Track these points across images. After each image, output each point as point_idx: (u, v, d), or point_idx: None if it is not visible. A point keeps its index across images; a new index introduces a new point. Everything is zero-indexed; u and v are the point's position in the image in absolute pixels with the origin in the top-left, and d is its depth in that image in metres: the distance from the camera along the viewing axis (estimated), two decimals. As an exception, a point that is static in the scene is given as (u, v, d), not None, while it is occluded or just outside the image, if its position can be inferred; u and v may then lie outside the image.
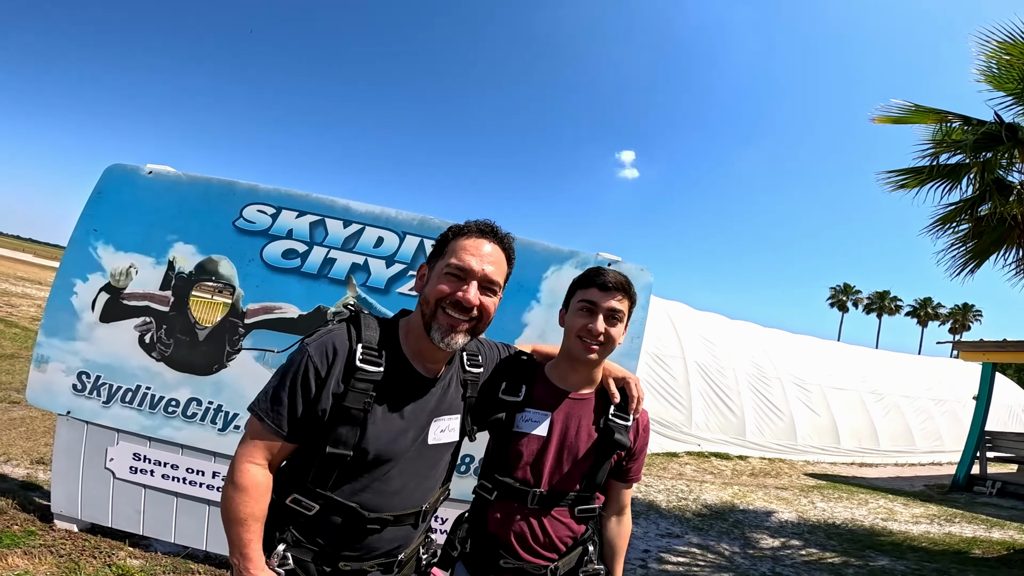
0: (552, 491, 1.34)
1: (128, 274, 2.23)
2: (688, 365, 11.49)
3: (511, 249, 1.26)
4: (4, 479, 3.44)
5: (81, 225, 2.17)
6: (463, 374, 1.31)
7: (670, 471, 8.78)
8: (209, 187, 2.19)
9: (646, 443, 1.47)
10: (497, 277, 1.19)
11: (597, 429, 1.37)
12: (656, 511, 5.98)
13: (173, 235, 2.19)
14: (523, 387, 1.39)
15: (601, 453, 1.36)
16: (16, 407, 5.27)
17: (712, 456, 10.48)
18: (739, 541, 5.14)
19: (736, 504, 6.78)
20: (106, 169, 2.17)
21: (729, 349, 12.57)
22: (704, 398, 11.37)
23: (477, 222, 1.23)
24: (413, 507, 1.19)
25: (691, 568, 4.29)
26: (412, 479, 1.19)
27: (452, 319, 1.14)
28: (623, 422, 1.38)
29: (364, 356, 1.12)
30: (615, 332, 1.36)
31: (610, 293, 1.35)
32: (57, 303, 2.26)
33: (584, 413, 1.39)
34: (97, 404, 2.54)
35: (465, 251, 1.17)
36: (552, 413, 1.38)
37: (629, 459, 1.44)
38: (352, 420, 1.09)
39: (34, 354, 2.44)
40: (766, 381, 12.37)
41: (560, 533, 1.35)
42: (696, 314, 13.87)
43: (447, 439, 1.25)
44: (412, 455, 1.18)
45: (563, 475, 1.35)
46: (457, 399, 1.29)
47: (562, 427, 1.37)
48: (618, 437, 1.35)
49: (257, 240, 2.18)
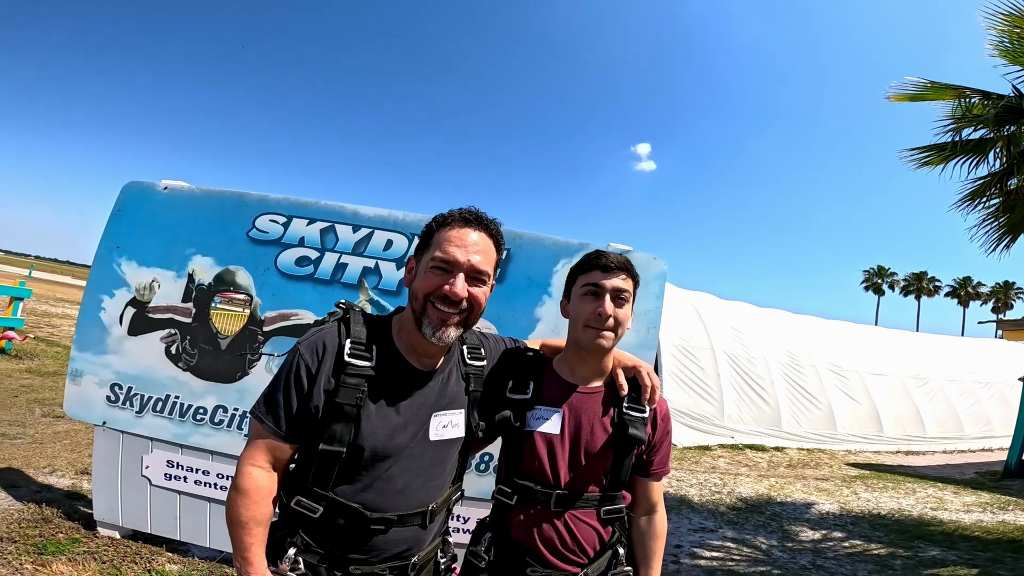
0: (573, 491, 1.27)
1: (151, 288, 2.32)
2: (717, 356, 11.22)
3: (499, 235, 1.22)
4: (50, 489, 3.63)
5: (104, 243, 2.26)
6: (464, 367, 1.27)
7: (703, 465, 8.59)
8: (222, 200, 2.25)
9: (667, 433, 1.39)
10: (485, 266, 1.15)
11: (612, 423, 1.30)
12: (688, 506, 5.85)
13: (191, 248, 2.26)
14: (531, 384, 1.33)
15: (619, 448, 1.29)
16: (60, 421, 5.55)
17: (746, 448, 10.21)
18: (777, 534, 4.98)
19: (773, 496, 6.57)
20: (124, 187, 2.25)
21: (759, 338, 12.21)
22: (735, 389, 11.07)
23: (461, 210, 1.19)
24: (418, 506, 1.16)
25: (725, 563, 4.17)
26: (416, 477, 1.16)
27: (442, 313, 1.12)
28: (638, 414, 1.31)
29: (352, 351, 1.11)
30: (623, 314, 1.29)
31: (613, 273, 1.29)
32: (87, 319, 2.36)
33: (597, 407, 1.33)
34: (130, 414, 2.64)
35: (450, 242, 1.13)
36: (563, 409, 1.32)
37: (650, 452, 1.36)
38: (345, 416, 1.08)
39: (69, 368, 2.56)
40: (800, 369, 11.95)
41: (587, 536, 1.28)
42: (723, 304, 13.53)
43: (451, 435, 1.21)
44: (413, 452, 1.15)
45: (581, 473, 1.29)
46: (460, 393, 1.25)
47: (575, 423, 1.31)
48: (632, 431, 1.28)
49: (271, 249, 2.22)
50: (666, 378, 10.56)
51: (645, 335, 2.15)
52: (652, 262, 2.09)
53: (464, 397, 1.26)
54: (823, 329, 14.21)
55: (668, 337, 10.98)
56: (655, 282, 2.09)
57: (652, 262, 2.09)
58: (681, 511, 5.58)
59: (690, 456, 9.23)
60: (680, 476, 7.34)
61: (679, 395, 10.54)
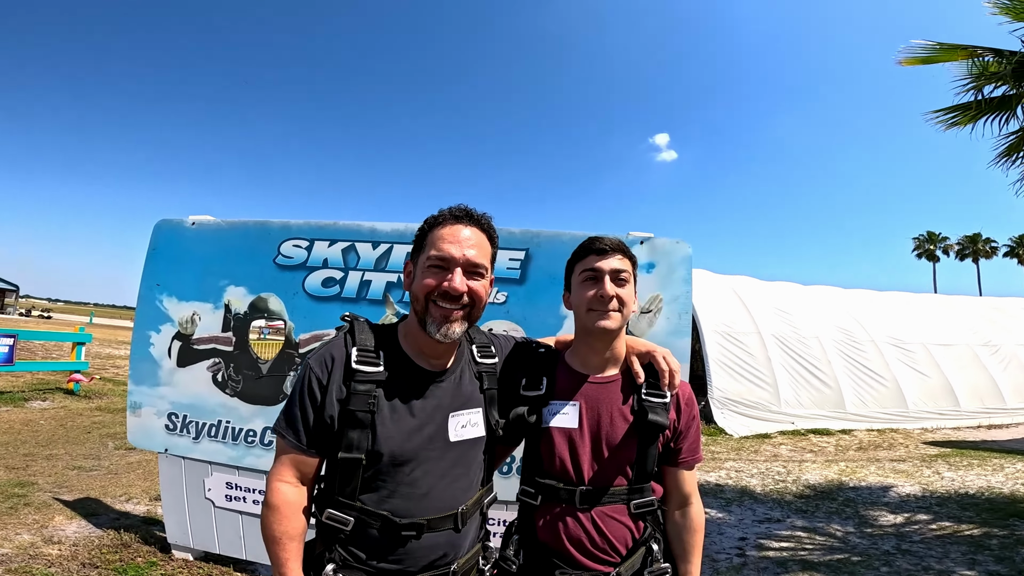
0: (597, 487, 1.22)
1: (193, 321, 2.45)
2: (765, 339, 10.72)
3: (491, 229, 1.22)
4: (127, 516, 3.90)
5: (145, 281, 2.41)
6: (476, 366, 1.27)
7: (763, 454, 8.20)
8: (246, 230, 2.34)
9: (693, 418, 1.31)
10: (481, 260, 1.16)
11: (632, 411, 1.25)
12: (751, 496, 5.59)
13: (224, 280, 2.37)
14: (544, 379, 1.30)
15: (642, 437, 1.23)
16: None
17: (809, 433, 9.67)
18: (853, 520, 4.67)
19: (845, 481, 6.19)
20: (155, 226, 2.39)
21: (809, 317, 11.59)
22: (789, 372, 10.53)
23: (451, 209, 1.20)
24: (447, 510, 1.15)
25: (797, 552, 3.94)
26: (441, 480, 1.15)
27: (444, 310, 1.13)
28: (658, 399, 1.25)
29: (359, 357, 1.13)
30: (626, 294, 1.25)
31: (608, 254, 1.26)
32: (139, 354, 2.53)
33: (614, 396, 1.27)
34: (188, 440, 2.80)
35: (443, 240, 1.15)
36: (579, 401, 1.27)
37: (677, 439, 1.29)
38: (359, 423, 1.10)
39: (128, 401, 2.74)
40: (858, 346, 11.24)
41: (618, 534, 1.22)
42: (765, 285, 12.95)
43: (471, 435, 1.21)
44: (435, 454, 1.15)
45: (605, 467, 1.24)
46: (475, 392, 1.24)
47: (593, 414, 1.26)
48: (652, 417, 1.22)
49: (297, 274, 2.30)
50: (713, 367, 10.17)
51: (677, 322, 2.06)
52: (675, 246, 2.01)
53: (480, 396, 1.25)
54: (878, 302, 13.34)
55: (710, 325, 10.60)
56: (681, 266, 2.00)
57: (675, 246, 2.01)
58: (743, 502, 5.34)
59: (748, 446, 8.83)
60: (739, 466, 7.04)
61: (729, 383, 10.13)
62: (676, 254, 1.99)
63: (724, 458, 7.91)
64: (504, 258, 2.22)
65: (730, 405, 10.20)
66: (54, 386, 10.02)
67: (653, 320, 2.12)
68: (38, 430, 7.14)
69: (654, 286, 2.10)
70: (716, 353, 10.36)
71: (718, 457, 7.95)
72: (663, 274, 2.05)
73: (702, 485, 6.11)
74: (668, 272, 2.05)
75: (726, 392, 10.19)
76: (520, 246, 2.21)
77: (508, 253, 2.22)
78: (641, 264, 2.11)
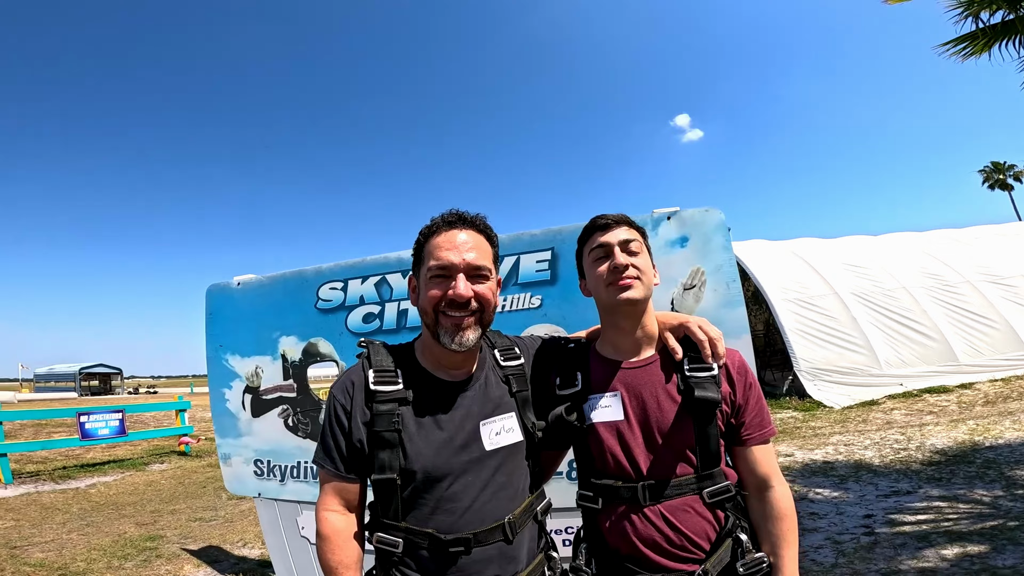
0: (660, 479, 1.13)
1: (257, 374, 2.62)
2: (844, 299, 9.78)
3: (487, 229, 1.20)
4: (245, 560, 4.22)
5: (209, 344, 2.63)
6: (501, 369, 1.24)
7: (873, 423, 7.42)
8: (286, 282, 2.49)
9: (750, 387, 1.19)
10: (482, 261, 1.15)
11: (678, 390, 1.15)
12: (868, 470, 5.07)
13: (276, 332, 2.52)
14: (578, 374, 1.23)
15: (696, 417, 1.13)
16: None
17: (923, 393, 8.65)
18: (999, 483, 4.09)
19: (978, 441, 5.46)
20: (207, 291, 2.61)
21: (887, 268, 10.51)
22: (881, 330, 9.51)
23: (443, 215, 1.19)
24: (493, 521, 1.12)
25: (939, 524, 3.50)
26: (482, 491, 1.13)
27: (453, 318, 1.12)
28: (705, 373, 1.15)
29: (376, 378, 1.14)
30: (641, 262, 1.19)
31: (612, 227, 1.21)
32: (218, 410, 2.74)
33: (655, 378, 1.18)
34: (276, 483, 2.97)
35: (440, 248, 1.14)
36: (619, 390, 1.19)
37: (736, 414, 1.17)
38: (387, 443, 1.10)
39: (219, 454, 2.97)
40: (952, 290, 9.99)
41: (695, 527, 1.12)
42: (830, 243, 11.93)
43: (507, 441, 1.17)
44: (471, 466, 1.13)
45: (662, 457, 1.14)
46: (504, 396, 1.21)
47: (637, 402, 1.17)
48: (701, 394, 1.12)
49: (339, 315, 2.40)
50: (792, 337, 9.39)
51: (726, 292, 1.92)
52: (705, 215, 1.88)
53: (510, 400, 1.22)
54: (962, 240, 11.88)
55: (778, 293, 9.85)
56: (717, 234, 1.87)
57: (705, 215, 1.88)
58: (860, 477, 4.85)
59: (853, 416, 8.04)
60: (848, 440, 6.42)
61: (814, 351, 9.31)
62: (708, 223, 1.86)
63: (828, 433, 7.23)
64: (531, 261, 2.18)
65: (822, 375, 9.36)
66: (168, 450, 11.24)
67: (699, 295, 1.99)
68: (160, 489, 8.02)
69: (693, 259, 1.97)
70: (792, 322, 9.58)
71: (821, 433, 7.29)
72: (699, 245, 1.92)
73: (807, 465, 5.61)
74: (704, 242, 1.92)
75: (813, 362, 9.37)
76: (544, 246, 2.16)
77: (534, 256, 2.18)
78: (673, 240, 1.99)
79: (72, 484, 8.33)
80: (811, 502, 4.35)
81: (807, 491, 4.64)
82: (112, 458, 10.19)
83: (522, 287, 2.18)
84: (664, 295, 2.03)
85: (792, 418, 8.43)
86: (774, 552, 1.14)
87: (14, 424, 11.96)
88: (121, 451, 10.77)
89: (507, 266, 2.18)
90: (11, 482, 8.15)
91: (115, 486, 8.23)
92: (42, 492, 7.78)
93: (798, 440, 6.85)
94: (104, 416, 9.71)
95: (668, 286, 2.01)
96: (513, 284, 2.20)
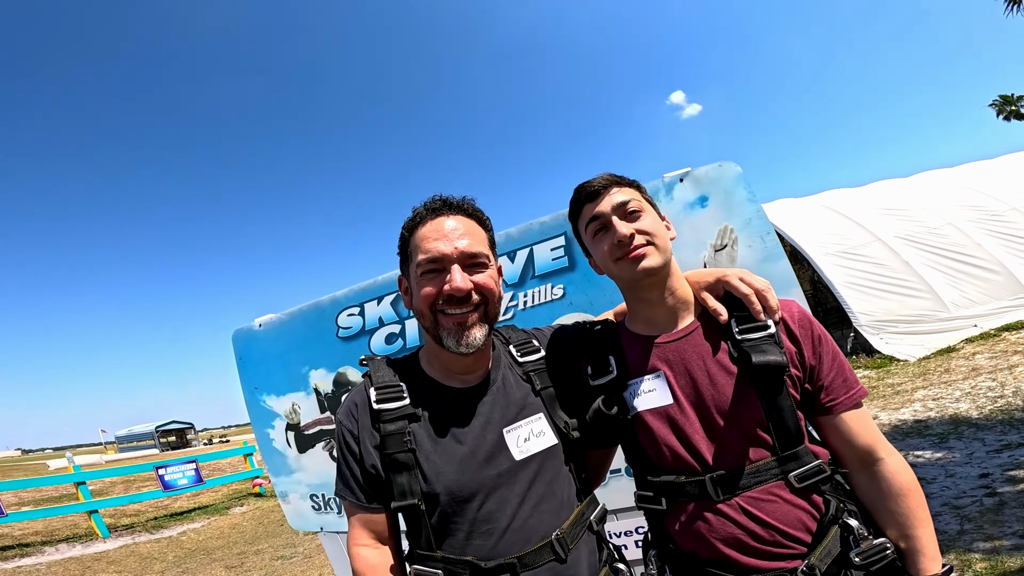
0: (732, 468, 0.96)
1: (295, 411, 2.63)
2: (889, 244, 9.15)
3: (478, 212, 1.08)
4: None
5: (245, 388, 2.66)
6: (520, 367, 1.11)
7: (957, 371, 6.79)
8: (304, 315, 2.48)
9: (820, 341, 1.00)
10: (477, 248, 1.03)
11: (732, 359, 0.98)
12: (968, 424, 4.60)
13: (305, 366, 2.52)
14: (611, 359, 1.07)
15: (761, 388, 0.95)
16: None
17: (1002, 332, 7.86)
18: None
19: None
20: (232, 336, 2.64)
21: (927, 206, 9.87)
22: (939, 270, 8.82)
23: (425, 204, 1.07)
24: (539, 539, 0.99)
25: None
26: (520, 507, 1.00)
27: (455, 316, 1.00)
28: (760, 333, 0.97)
29: (379, 396, 1.04)
30: (649, 225, 1.03)
31: (603, 193, 1.05)
32: (267, 450, 2.77)
33: (701, 349, 1.02)
34: (335, 515, 2.96)
35: (427, 240, 1.02)
36: (662, 369, 1.03)
37: (811, 377, 0.99)
38: (402, 466, 0.99)
39: (277, 492, 3.00)
40: (1002, 218, 9.31)
41: (787, 518, 0.94)
42: (860, 191, 11.31)
43: (539, 447, 1.04)
44: (502, 479, 1.00)
45: (729, 441, 0.97)
46: (528, 397, 1.08)
47: (685, 380, 1.01)
48: (759, 359, 0.94)
49: (361, 340, 2.36)
50: (843, 292, 8.80)
51: (763, 246, 1.75)
52: (720, 170, 1.71)
53: (535, 399, 1.08)
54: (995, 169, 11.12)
55: (819, 249, 9.31)
56: (737, 187, 1.70)
57: (720, 170, 1.71)
58: (962, 434, 4.41)
59: (933, 367, 7.40)
60: (935, 393, 5.89)
61: (872, 303, 8.68)
62: (726, 177, 1.70)
63: (911, 389, 6.67)
64: (545, 250, 2.07)
65: (886, 327, 8.71)
66: (245, 493, 11.79)
67: (733, 254, 1.82)
68: (243, 531, 8.42)
69: (718, 217, 1.82)
70: (839, 276, 9.01)
71: (903, 390, 6.73)
72: (721, 202, 1.76)
73: (897, 427, 5.14)
74: (726, 198, 1.75)
75: (872, 314, 8.74)
76: (556, 232, 2.05)
77: (548, 244, 2.07)
78: (692, 202, 1.82)
79: (165, 533, 8.91)
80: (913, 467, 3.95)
81: (905, 455, 4.22)
82: (197, 505, 10.85)
83: (541, 279, 2.06)
84: (695, 259, 1.87)
85: (865, 378, 7.83)
86: (904, 535, 0.94)
87: (104, 482, 12.96)
88: (205, 498, 11.44)
89: (522, 260, 2.07)
90: (108, 536, 8.84)
91: (203, 532, 8.73)
92: (139, 543, 8.36)
93: (879, 401, 6.32)
94: (180, 467, 10.35)
95: (698, 249, 1.85)
96: (532, 277, 2.09)
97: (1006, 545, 2.62)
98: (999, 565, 2.46)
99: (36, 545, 8.31)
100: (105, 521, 9.16)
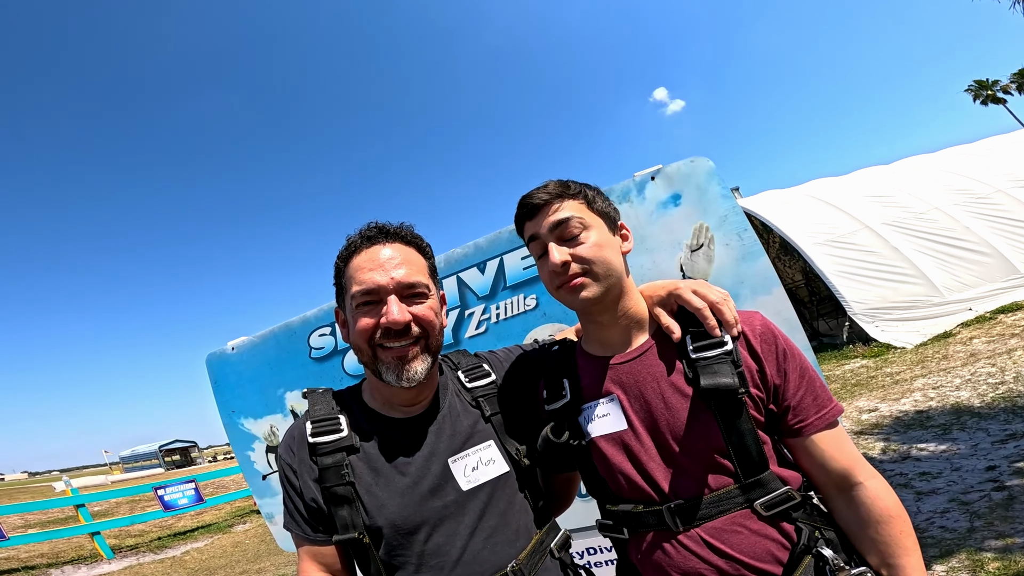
0: (691, 496, 0.90)
1: (273, 433, 2.56)
2: (877, 231, 9.18)
3: (418, 239, 1.04)
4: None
5: (222, 411, 2.59)
6: (468, 392, 1.07)
7: (955, 357, 6.72)
8: (276, 337, 2.42)
9: (786, 355, 0.92)
10: (415, 278, 0.98)
11: (687, 379, 0.92)
12: (970, 414, 4.52)
13: (280, 388, 2.45)
14: (565, 382, 1.02)
15: (719, 411, 0.88)
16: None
17: (998, 314, 7.81)
18: None
19: None
20: (206, 360, 2.57)
21: (912, 192, 9.99)
22: (928, 255, 8.84)
23: (360, 232, 1.02)
24: (494, 571, 0.95)
25: None
26: (471, 538, 0.96)
27: (394, 350, 0.97)
28: (715, 351, 0.90)
29: (314, 429, 1.01)
30: (588, 249, 0.95)
31: (543, 209, 0.98)
32: (249, 473, 2.70)
33: (654, 370, 0.96)
34: (323, 539, 2.90)
35: (362, 270, 0.98)
36: (615, 393, 0.97)
37: (775, 397, 0.92)
38: (342, 499, 0.97)
39: (263, 514, 2.93)
40: (987, 201, 9.40)
41: (756, 550, 0.87)
42: (844, 180, 11.41)
43: (488, 475, 1.00)
44: (450, 511, 0.97)
45: (686, 468, 0.91)
46: (478, 424, 1.05)
47: (639, 404, 0.95)
48: (706, 382, 0.87)
49: (334, 360, 2.30)
50: (835, 280, 8.78)
51: (740, 243, 1.69)
52: (692, 165, 1.65)
53: (485, 426, 1.05)
54: (977, 152, 11.27)
55: (807, 238, 9.32)
56: (711, 183, 1.65)
57: (692, 165, 1.65)
58: (964, 424, 4.32)
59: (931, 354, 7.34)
60: (935, 381, 5.82)
61: (863, 291, 8.67)
62: (698, 173, 1.64)
63: (910, 378, 6.60)
64: (515, 260, 2.01)
65: (880, 315, 8.69)
66: (248, 510, 11.69)
67: (710, 253, 1.76)
68: (246, 549, 8.34)
69: (692, 216, 1.76)
70: (830, 265, 9.01)
71: (901, 379, 6.67)
72: (694, 199, 1.70)
73: (899, 419, 5.06)
74: (699, 195, 1.70)
75: (866, 302, 8.73)
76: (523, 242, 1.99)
77: (518, 253, 2.01)
78: (664, 201, 1.76)
79: (169, 553, 8.85)
80: (917, 460, 3.88)
81: (908, 448, 4.15)
82: (200, 523, 10.77)
83: (513, 289, 2.00)
84: (670, 262, 1.81)
85: (863, 367, 7.76)
86: (887, 563, 0.87)
87: (109, 503, 12.86)
88: (208, 516, 11.37)
89: (492, 271, 2.01)
90: (113, 557, 8.76)
91: (206, 551, 8.67)
92: (143, 563, 8.30)
93: (878, 392, 6.25)
94: (179, 487, 10.26)
95: (674, 251, 1.79)
96: (503, 289, 2.02)
97: (1018, 543, 2.53)
98: (1013, 564, 2.37)
99: (41, 568, 8.26)
100: (109, 542, 9.13)
